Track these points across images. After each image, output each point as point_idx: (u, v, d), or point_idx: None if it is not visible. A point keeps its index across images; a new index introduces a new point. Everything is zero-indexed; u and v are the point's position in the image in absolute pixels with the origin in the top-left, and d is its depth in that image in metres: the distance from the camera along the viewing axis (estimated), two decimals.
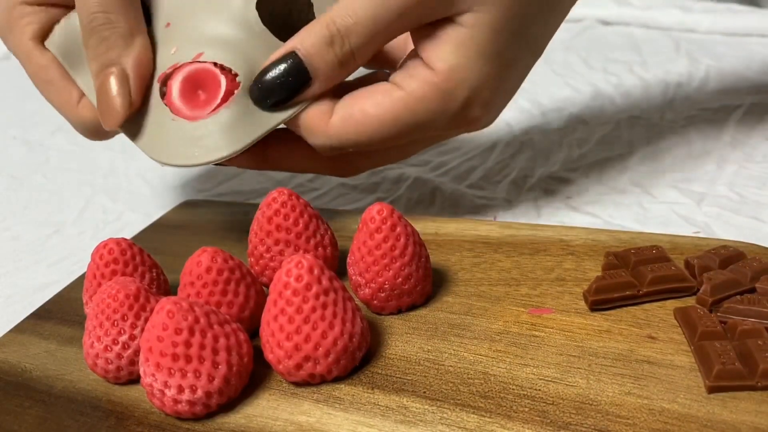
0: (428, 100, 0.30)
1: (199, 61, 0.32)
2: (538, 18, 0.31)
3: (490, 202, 0.39)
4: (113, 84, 0.31)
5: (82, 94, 0.34)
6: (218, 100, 0.31)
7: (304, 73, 0.30)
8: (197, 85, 0.32)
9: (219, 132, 0.31)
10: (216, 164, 0.32)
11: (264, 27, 0.33)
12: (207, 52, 0.32)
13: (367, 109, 0.31)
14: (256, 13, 0.33)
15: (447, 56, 0.30)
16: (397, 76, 0.31)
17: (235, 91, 0.31)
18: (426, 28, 0.30)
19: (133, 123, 0.32)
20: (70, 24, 0.34)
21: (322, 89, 0.31)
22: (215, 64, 0.32)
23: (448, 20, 0.30)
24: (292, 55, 0.30)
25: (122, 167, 0.54)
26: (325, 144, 0.32)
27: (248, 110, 0.31)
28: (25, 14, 0.34)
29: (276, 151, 0.34)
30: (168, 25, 0.33)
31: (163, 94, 0.32)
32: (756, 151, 0.41)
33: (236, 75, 0.31)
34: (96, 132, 0.35)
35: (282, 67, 0.30)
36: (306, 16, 0.35)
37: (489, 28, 0.29)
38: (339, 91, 0.32)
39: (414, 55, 0.31)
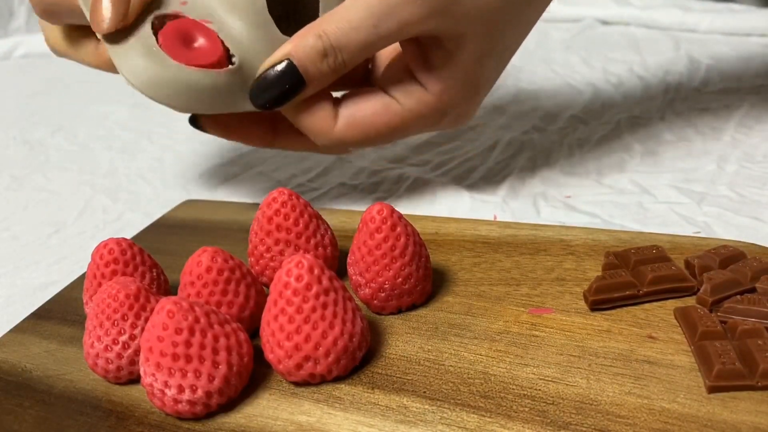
0: (422, 116, 0.35)
1: (205, 22, 0.33)
2: (511, 31, 0.35)
3: (491, 202, 0.39)
4: None
5: None
6: (211, 60, 0.32)
7: (299, 78, 0.32)
8: (195, 37, 0.32)
9: (198, 87, 0.31)
10: (195, 125, 0.34)
11: (269, 18, 0.34)
12: (214, 25, 0.33)
13: (370, 118, 0.35)
14: (264, 2, 0.34)
15: (439, 80, 0.34)
16: (396, 92, 0.35)
17: (229, 66, 0.33)
18: (415, 47, 0.34)
19: (117, 34, 0.32)
20: None
21: (315, 91, 0.34)
22: (218, 36, 0.33)
23: (435, 42, 0.33)
24: (287, 61, 0.32)
25: (122, 167, 0.54)
26: (329, 144, 0.36)
27: (231, 90, 0.33)
28: None
29: (283, 134, 0.38)
30: None
31: (154, 27, 0.32)
32: (756, 150, 0.41)
33: (232, 56, 0.33)
34: (49, 12, 0.35)
35: (278, 71, 0.32)
36: (312, 10, 0.36)
37: (472, 55, 0.34)
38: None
39: (407, 70, 0.35)
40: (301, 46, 0.32)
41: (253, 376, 0.25)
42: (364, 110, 0.35)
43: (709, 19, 0.66)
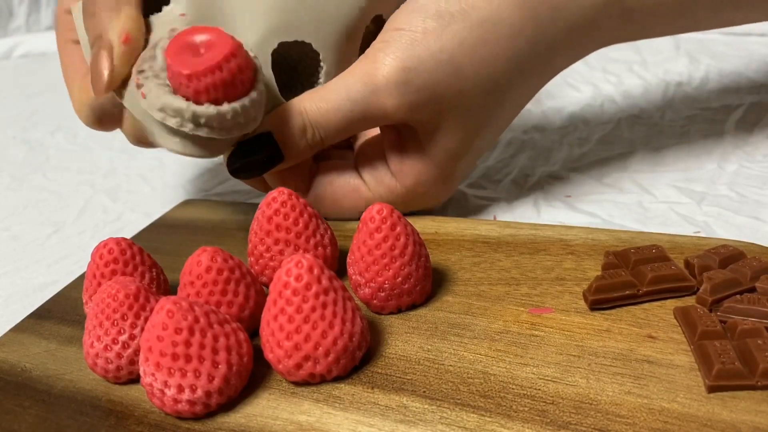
0: (393, 203, 0.34)
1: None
2: (488, 131, 0.35)
3: (490, 202, 0.39)
4: (98, 54, 0.31)
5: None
6: (224, 51, 0.28)
7: (278, 152, 0.33)
8: (199, 41, 0.29)
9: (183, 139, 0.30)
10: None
11: (271, 73, 0.33)
12: None
13: (338, 198, 0.36)
14: (269, 57, 0.33)
15: (410, 175, 0.34)
16: (367, 176, 0.35)
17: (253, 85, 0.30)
18: (393, 134, 0.34)
19: (126, 91, 0.31)
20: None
21: (291, 164, 0.34)
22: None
23: (412, 133, 0.33)
24: (268, 135, 0.32)
25: (122, 167, 0.54)
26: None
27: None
28: None
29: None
30: (183, 15, 0.32)
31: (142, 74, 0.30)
32: (756, 150, 0.41)
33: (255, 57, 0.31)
34: (96, 119, 0.35)
35: (258, 143, 0.32)
36: (311, 76, 0.35)
37: (447, 153, 0.34)
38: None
39: (382, 156, 0.35)
40: (282, 122, 0.32)
41: (252, 376, 0.25)
42: (334, 189, 0.35)
43: None
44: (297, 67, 0.36)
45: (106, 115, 0.35)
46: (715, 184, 0.38)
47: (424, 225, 0.34)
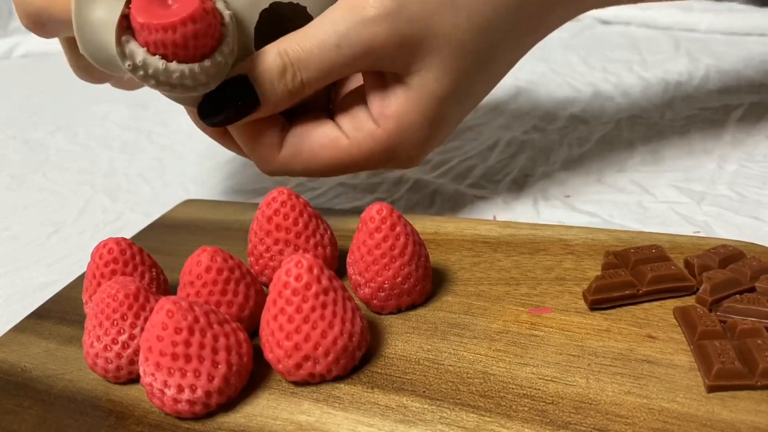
0: (371, 153, 0.33)
1: None
2: (479, 79, 0.33)
3: (490, 202, 0.39)
4: None
5: None
6: (189, 9, 0.28)
7: (254, 98, 0.30)
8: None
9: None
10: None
11: (252, 32, 0.31)
12: None
13: (315, 150, 0.33)
14: (257, 16, 0.31)
15: (394, 117, 0.32)
16: (346, 124, 0.33)
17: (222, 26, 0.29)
18: (376, 79, 0.32)
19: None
20: None
21: (269, 114, 0.32)
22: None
23: (397, 77, 0.32)
24: (243, 79, 0.30)
25: (122, 167, 0.54)
26: (272, 171, 0.34)
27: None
28: None
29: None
30: None
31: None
32: (756, 150, 0.41)
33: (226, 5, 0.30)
34: (36, 16, 0.32)
35: (232, 87, 0.30)
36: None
37: (434, 96, 0.32)
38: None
39: (362, 103, 0.33)
40: (259, 63, 0.30)
41: (252, 376, 0.25)
42: (310, 141, 0.33)
43: (709, 18, 0.66)
44: (288, 27, 0.35)
45: (49, 23, 0.32)
46: (714, 184, 0.38)
47: (424, 225, 0.34)
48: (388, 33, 0.30)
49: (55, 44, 0.39)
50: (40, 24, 0.32)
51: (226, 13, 0.29)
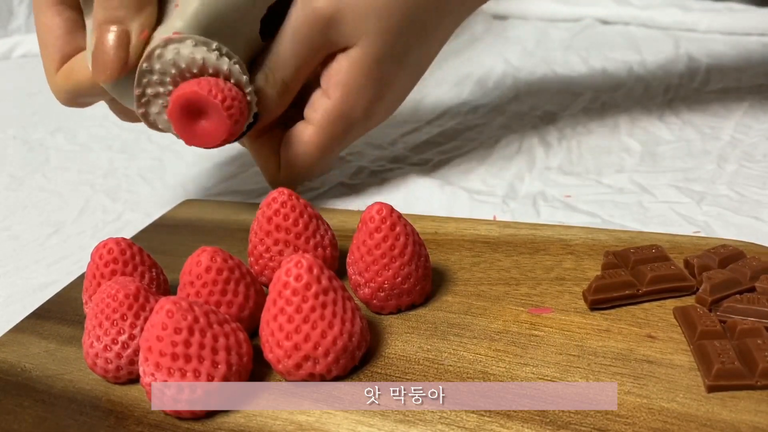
0: (331, 124, 0.37)
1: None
2: (415, 46, 0.37)
3: (490, 202, 0.39)
4: (112, 39, 0.31)
5: (65, 61, 0.36)
6: (215, 143, 0.32)
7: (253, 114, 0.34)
8: (201, 112, 0.32)
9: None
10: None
11: (258, 38, 0.35)
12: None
13: (296, 152, 0.38)
14: (258, 25, 0.34)
15: (340, 84, 0.36)
16: (307, 110, 0.37)
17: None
18: (327, 61, 0.36)
19: (121, 86, 0.33)
20: None
21: (271, 120, 0.36)
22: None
23: (342, 52, 0.35)
24: None
25: (122, 167, 0.54)
26: (282, 184, 0.37)
27: None
28: None
29: None
30: (177, 5, 0.33)
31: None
32: (756, 150, 0.41)
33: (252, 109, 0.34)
34: (74, 102, 0.37)
35: None
36: None
37: (372, 58, 0.35)
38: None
39: (317, 86, 0.37)
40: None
41: (252, 376, 0.25)
42: (287, 141, 0.37)
43: (709, 18, 0.66)
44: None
45: (84, 99, 0.36)
46: (714, 184, 0.38)
47: (424, 225, 0.34)
48: (327, 4, 0.34)
49: None
50: (76, 102, 0.37)
51: (248, 90, 0.33)
